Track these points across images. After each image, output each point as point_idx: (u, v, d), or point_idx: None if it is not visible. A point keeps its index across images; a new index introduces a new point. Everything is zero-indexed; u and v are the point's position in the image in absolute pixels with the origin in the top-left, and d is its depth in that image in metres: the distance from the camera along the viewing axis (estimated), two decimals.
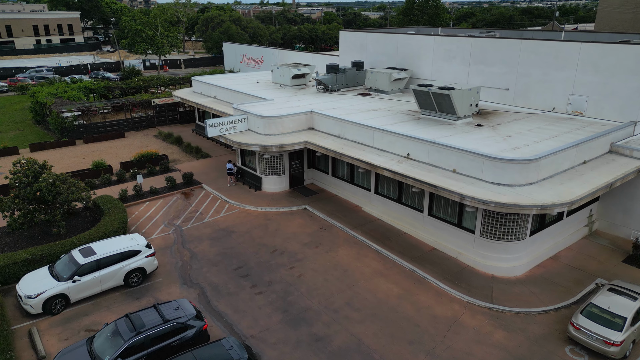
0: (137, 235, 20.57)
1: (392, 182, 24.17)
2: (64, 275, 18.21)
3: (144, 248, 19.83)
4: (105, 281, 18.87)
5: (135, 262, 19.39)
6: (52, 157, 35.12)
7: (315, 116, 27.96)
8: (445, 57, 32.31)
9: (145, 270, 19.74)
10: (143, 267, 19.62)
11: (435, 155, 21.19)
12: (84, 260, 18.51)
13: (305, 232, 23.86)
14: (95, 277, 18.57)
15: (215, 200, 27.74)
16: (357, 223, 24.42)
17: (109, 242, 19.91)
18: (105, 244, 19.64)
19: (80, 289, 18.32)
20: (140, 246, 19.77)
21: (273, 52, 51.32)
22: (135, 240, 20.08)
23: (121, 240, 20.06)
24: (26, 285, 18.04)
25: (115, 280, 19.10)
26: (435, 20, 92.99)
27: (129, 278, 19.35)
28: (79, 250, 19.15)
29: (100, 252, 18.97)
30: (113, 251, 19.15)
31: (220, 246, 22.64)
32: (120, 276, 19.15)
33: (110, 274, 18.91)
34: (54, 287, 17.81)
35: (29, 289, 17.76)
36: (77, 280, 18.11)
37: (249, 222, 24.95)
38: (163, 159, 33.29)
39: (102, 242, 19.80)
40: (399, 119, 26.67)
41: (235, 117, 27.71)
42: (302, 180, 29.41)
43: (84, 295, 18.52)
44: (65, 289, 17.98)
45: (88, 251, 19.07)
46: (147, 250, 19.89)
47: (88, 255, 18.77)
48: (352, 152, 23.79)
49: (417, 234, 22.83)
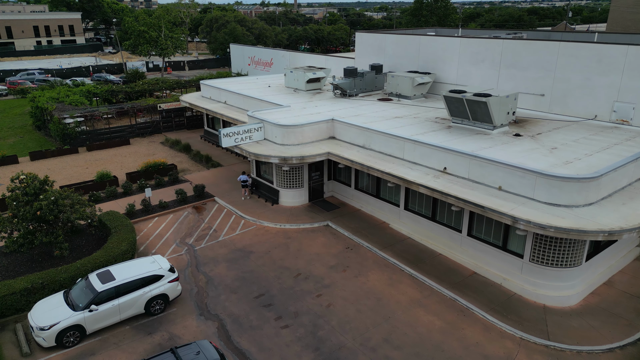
0: (159, 257, 18.66)
1: (424, 198, 22.14)
2: (80, 304, 16.35)
3: (167, 272, 17.94)
4: (124, 310, 16.97)
5: (157, 288, 17.50)
6: (53, 166, 33.16)
7: (337, 124, 25.95)
8: (472, 60, 30.28)
9: (168, 297, 17.87)
10: (166, 293, 17.75)
11: (477, 170, 19.16)
12: (102, 287, 16.62)
13: (329, 252, 21.84)
14: (114, 306, 16.68)
15: (230, 216, 25.73)
16: (386, 242, 22.40)
17: (128, 265, 18.00)
18: (125, 268, 17.73)
19: (97, 319, 16.44)
20: (162, 270, 17.87)
21: (283, 55, 49.32)
22: (157, 263, 18.19)
23: (142, 263, 18.15)
24: (39, 314, 16.15)
25: (135, 309, 17.21)
26: (444, 21, 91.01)
27: (150, 305, 17.45)
28: (97, 275, 17.25)
29: (120, 278, 17.08)
30: (134, 276, 17.26)
31: (238, 269, 20.62)
32: (141, 304, 17.26)
33: (130, 302, 17.02)
34: (69, 318, 15.95)
35: (41, 319, 15.90)
36: (94, 310, 16.22)
37: (267, 241, 22.93)
38: (172, 169, 31.28)
39: (122, 266, 17.91)
40: (428, 127, 24.65)
41: (251, 126, 25.71)
42: (322, 193, 27.39)
43: (101, 325, 16.64)
44: (81, 319, 16.10)
45: (107, 276, 17.17)
46: (170, 275, 18.00)
47: (107, 281, 16.89)
48: (381, 165, 21.78)
49: (455, 255, 20.80)
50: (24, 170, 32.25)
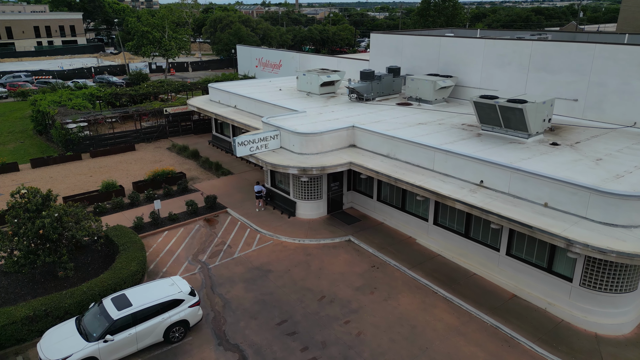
0: (178, 279, 17.19)
1: (456, 212, 20.55)
2: (94, 333, 14.89)
3: (187, 296, 16.44)
4: (142, 339, 15.50)
5: (177, 314, 16.03)
6: (55, 174, 31.59)
7: (358, 132, 24.37)
8: (497, 63, 28.67)
9: (188, 323, 16.39)
10: (186, 319, 16.28)
11: (519, 185, 17.57)
12: (118, 314, 15.15)
13: (354, 271, 20.25)
14: (130, 335, 15.22)
15: (244, 229, 24.15)
16: (415, 260, 20.80)
17: (145, 288, 16.52)
18: (142, 292, 16.26)
19: (113, 350, 14.98)
20: (182, 294, 16.38)
21: (293, 56, 47.72)
22: (176, 285, 16.70)
23: (160, 286, 16.67)
24: (49, 345, 14.68)
25: (153, 337, 15.75)
26: (452, 21, 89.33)
27: (169, 333, 15.96)
28: (112, 300, 15.77)
29: (137, 303, 15.59)
30: (152, 301, 15.78)
31: (257, 291, 19.04)
32: (159, 331, 15.79)
33: (148, 330, 15.54)
34: (83, 349, 14.51)
35: (52, 351, 14.42)
36: (109, 340, 14.73)
37: (286, 258, 21.35)
38: (181, 177, 29.70)
39: (138, 289, 16.43)
40: (456, 135, 23.06)
41: (266, 134, 24.13)
42: (341, 205, 25.80)
43: (116, 357, 15.22)
44: (95, 351, 14.66)
45: (122, 301, 15.68)
46: (191, 299, 16.51)
47: (123, 307, 15.41)
48: (410, 177, 20.19)
49: (491, 276, 19.20)
50: (25, 178, 30.71)
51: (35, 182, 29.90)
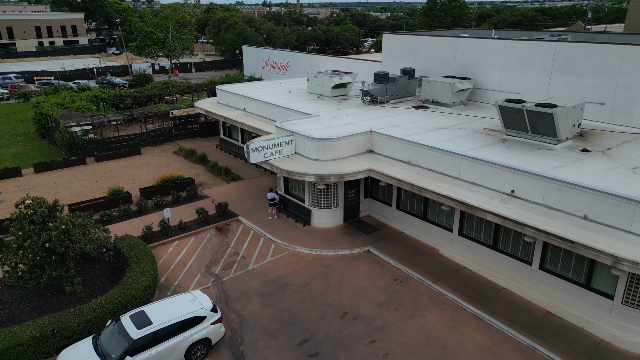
0: (199, 294, 16.27)
1: (484, 223, 19.51)
2: (112, 354, 13.92)
3: (209, 312, 15.52)
4: (162, 359, 14.51)
5: (199, 332, 15.12)
6: (59, 179, 30.58)
7: (376, 137, 23.35)
8: (518, 65, 27.64)
9: (210, 341, 15.47)
10: (208, 337, 15.37)
11: (555, 196, 16.54)
12: (137, 333, 14.18)
13: (376, 285, 19.22)
14: (151, 356, 14.30)
15: (258, 239, 23.13)
16: (439, 273, 19.76)
17: (165, 304, 15.58)
18: (162, 308, 15.32)
19: None
20: (204, 310, 15.45)
21: (301, 57, 46.68)
22: (197, 301, 15.77)
23: (180, 301, 15.73)
24: None
25: (174, 358, 14.87)
26: (459, 22, 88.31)
27: (190, 352, 15.03)
28: (131, 318, 14.81)
29: (157, 321, 14.65)
30: (173, 318, 14.85)
31: (275, 307, 18.01)
32: (181, 351, 14.88)
33: (169, 350, 14.63)
34: None
35: None
36: None
37: (303, 271, 20.32)
38: (190, 183, 28.68)
39: (158, 305, 15.49)
40: (480, 140, 22.04)
41: (281, 139, 23.12)
42: (358, 213, 24.77)
43: None
44: None
45: (142, 319, 14.73)
46: (213, 315, 15.61)
47: (143, 326, 14.45)
48: (435, 186, 19.16)
49: (522, 291, 18.16)
50: (28, 184, 29.71)
51: (39, 188, 28.90)
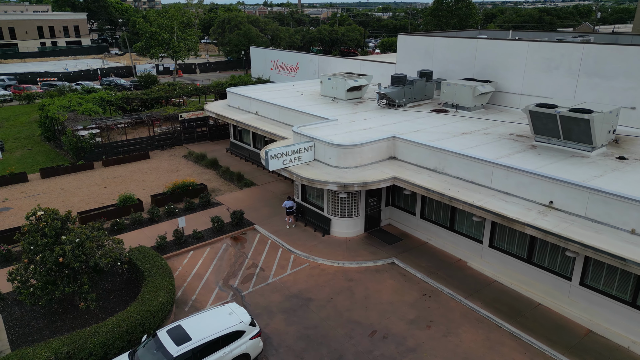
0: (235, 307, 15.57)
1: (517, 235, 18.56)
2: None
3: (248, 327, 14.80)
4: None
5: (238, 347, 14.41)
6: (67, 185, 29.66)
7: (400, 143, 22.41)
8: (543, 67, 26.69)
9: (249, 357, 14.75)
10: (248, 352, 14.65)
11: (600, 208, 15.60)
12: (177, 350, 13.40)
13: (404, 300, 18.27)
14: None
15: (276, 249, 22.19)
16: (470, 288, 18.81)
17: (202, 318, 14.84)
18: (200, 322, 14.58)
19: None
20: (243, 324, 14.74)
21: (311, 59, 45.72)
22: (235, 314, 15.04)
23: (218, 315, 15.01)
24: None
25: None
26: (466, 22, 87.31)
27: None
28: (168, 333, 14.03)
29: (196, 337, 13.88)
30: (213, 334, 14.11)
31: (299, 324, 17.06)
32: None
33: None
34: None
35: None
36: None
37: (327, 284, 19.37)
38: (202, 190, 27.75)
39: (195, 320, 14.76)
40: (509, 147, 21.11)
41: (300, 145, 22.18)
42: (379, 222, 23.83)
43: None
44: None
45: (180, 334, 13.98)
46: (252, 330, 14.89)
47: (182, 342, 13.68)
48: (467, 196, 18.20)
49: (560, 307, 17.20)
50: (35, 189, 28.79)
51: (46, 195, 27.98)
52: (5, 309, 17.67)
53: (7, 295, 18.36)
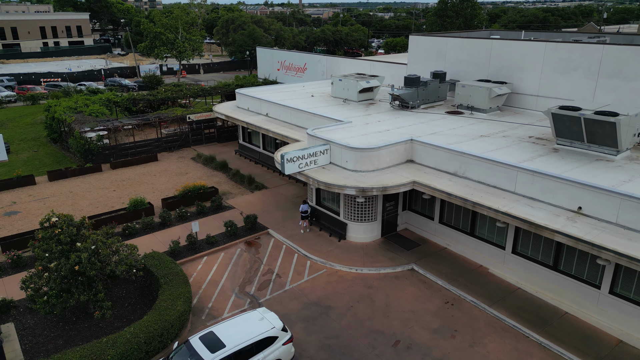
0: (265, 312, 15.25)
1: (542, 241, 18.08)
2: None
3: (280, 332, 14.48)
4: None
5: (272, 354, 14.13)
6: (75, 188, 29.19)
7: (418, 146, 21.93)
8: (560, 69, 26.21)
9: None
10: (280, 359, 14.31)
11: (633, 214, 15.11)
12: (212, 357, 13.22)
13: (426, 309, 17.80)
14: None
15: (291, 254, 21.72)
16: (494, 295, 18.33)
17: (234, 324, 14.55)
18: (232, 328, 14.32)
19: None
20: (276, 330, 14.43)
21: (319, 59, 45.24)
22: (266, 320, 14.71)
23: (249, 321, 14.71)
24: None
25: None
26: (471, 22, 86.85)
27: None
28: (201, 340, 13.74)
29: (230, 343, 13.61)
30: (246, 340, 13.85)
31: (320, 333, 16.59)
32: None
33: None
34: None
35: None
36: None
37: (345, 292, 18.90)
38: (214, 193, 27.29)
39: (227, 325, 14.48)
40: (530, 150, 20.63)
41: (316, 148, 21.71)
42: (395, 226, 23.35)
43: None
44: None
45: (213, 341, 13.72)
46: (284, 335, 14.58)
47: (216, 349, 13.42)
48: (491, 201, 17.73)
49: (588, 317, 16.73)
50: (43, 193, 28.33)
51: (55, 198, 27.52)
52: (17, 317, 17.22)
53: (18, 302, 17.92)
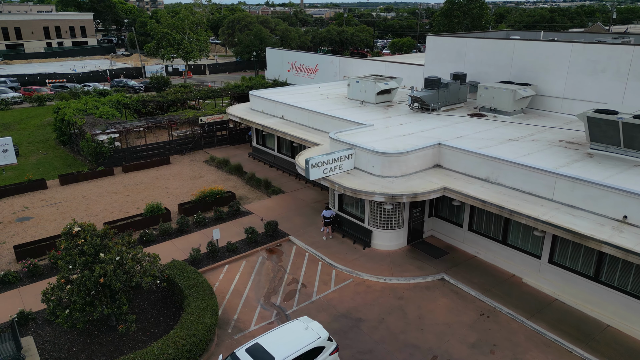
0: (308, 321, 14.77)
1: (582, 250, 17.37)
2: None
3: (327, 342, 14.00)
4: None
5: None
6: (88, 192, 28.51)
7: (446, 150, 21.23)
8: (588, 70, 25.51)
9: None
10: None
11: None
12: None
13: (461, 321, 17.09)
14: None
15: (315, 263, 21.02)
16: (531, 307, 17.60)
17: (280, 335, 14.06)
18: (278, 339, 13.85)
19: None
20: (322, 340, 13.95)
21: (332, 60, 44.53)
22: (312, 330, 14.21)
23: (295, 331, 14.21)
24: None
25: None
26: (478, 22, 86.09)
27: None
28: (248, 352, 13.29)
29: (279, 355, 13.23)
30: (295, 351, 13.42)
31: (352, 347, 15.88)
32: None
33: None
34: None
35: None
36: None
37: (375, 303, 18.19)
38: (231, 198, 26.60)
39: (273, 337, 14.00)
40: (564, 155, 19.92)
41: (340, 153, 21.01)
42: (421, 233, 22.65)
43: None
44: None
45: (262, 354, 13.29)
46: (330, 345, 14.10)
47: None
48: (530, 210, 17.00)
49: (633, 330, 16.02)
50: (55, 197, 27.66)
51: (68, 203, 26.84)
52: (36, 330, 16.54)
53: (37, 314, 17.24)
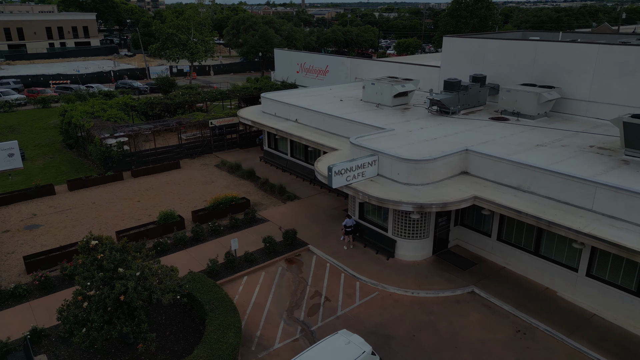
0: (349, 334, 14.17)
1: (624, 264, 16.52)
2: None
3: (371, 356, 13.42)
4: None
5: None
6: (98, 198, 27.65)
7: (474, 157, 20.36)
8: (615, 73, 24.64)
9: None
10: None
11: None
12: None
13: (497, 339, 16.22)
14: None
15: (337, 274, 20.15)
16: (569, 324, 16.72)
17: (322, 351, 13.48)
18: (321, 356, 13.17)
19: None
20: (367, 355, 13.35)
21: (343, 62, 43.64)
22: (354, 344, 13.59)
23: (336, 346, 13.63)
24: None
25: None
26: (485, 23, 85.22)
27: None
28: None
29: None
30: None
31: None
32: None
33: None
34: None
35: None
36: None
37: (404, 318, 17.32)
38: (246, 204, 25.75)
39: (314, 353, 13.46)
40: (599, 162, 19.04)
41: (363, 159, 20.14)
42: (447, 243, 21.79)
43: None
44: None
45: None
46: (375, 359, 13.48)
47: None
48: (570, 221, 16.12)
49: None
50: (64, 204, 26.82)
51: (77, 210, 25.99)
52: (50, 348, 15.69)
53: (50, 330, 16.38)
